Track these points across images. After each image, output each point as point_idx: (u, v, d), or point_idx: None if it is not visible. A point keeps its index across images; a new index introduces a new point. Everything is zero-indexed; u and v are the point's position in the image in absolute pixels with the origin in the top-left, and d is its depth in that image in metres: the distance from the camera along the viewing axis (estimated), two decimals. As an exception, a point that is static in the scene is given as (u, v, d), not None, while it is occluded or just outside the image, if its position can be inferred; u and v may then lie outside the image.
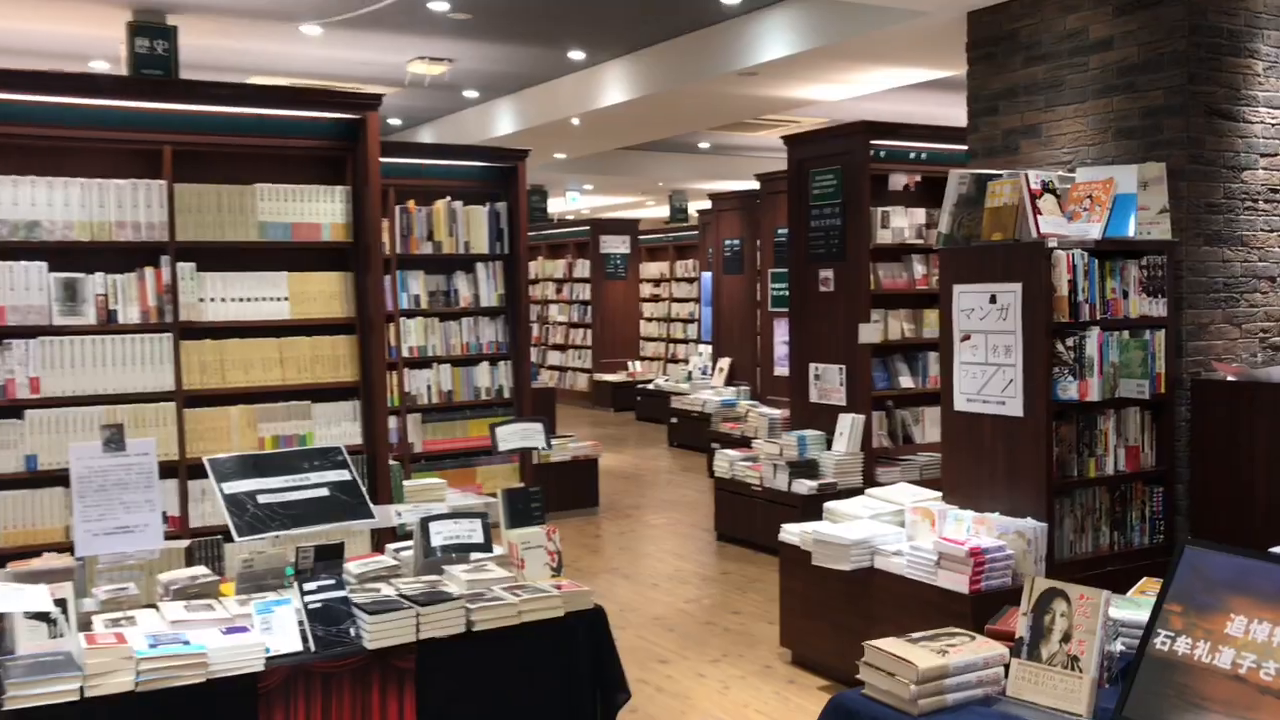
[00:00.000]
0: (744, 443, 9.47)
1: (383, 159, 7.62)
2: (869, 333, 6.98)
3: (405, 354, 7.73)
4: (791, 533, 4.85)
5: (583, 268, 16.97)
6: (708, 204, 13.43)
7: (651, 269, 19.65)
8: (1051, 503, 4.18)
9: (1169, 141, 4.48)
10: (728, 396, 11.61)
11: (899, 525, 4.78)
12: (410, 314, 7.79)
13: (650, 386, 14.66)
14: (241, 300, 5.46)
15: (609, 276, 16.60)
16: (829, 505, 5.03)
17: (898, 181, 7.20)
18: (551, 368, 17.95)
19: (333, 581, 3.52)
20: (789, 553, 4.86)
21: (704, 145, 14.59)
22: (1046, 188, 4.18)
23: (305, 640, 3.29)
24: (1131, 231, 4.31)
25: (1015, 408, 4.21)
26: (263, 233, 5.44)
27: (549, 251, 18.35)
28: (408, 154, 7.70)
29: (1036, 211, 4.14)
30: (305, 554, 3.69)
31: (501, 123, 11.30)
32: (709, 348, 13.99)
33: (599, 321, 16.55)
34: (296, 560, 3.67)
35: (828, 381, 7.25)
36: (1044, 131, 5.00)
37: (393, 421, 7.61)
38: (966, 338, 4.41)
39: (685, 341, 18.43)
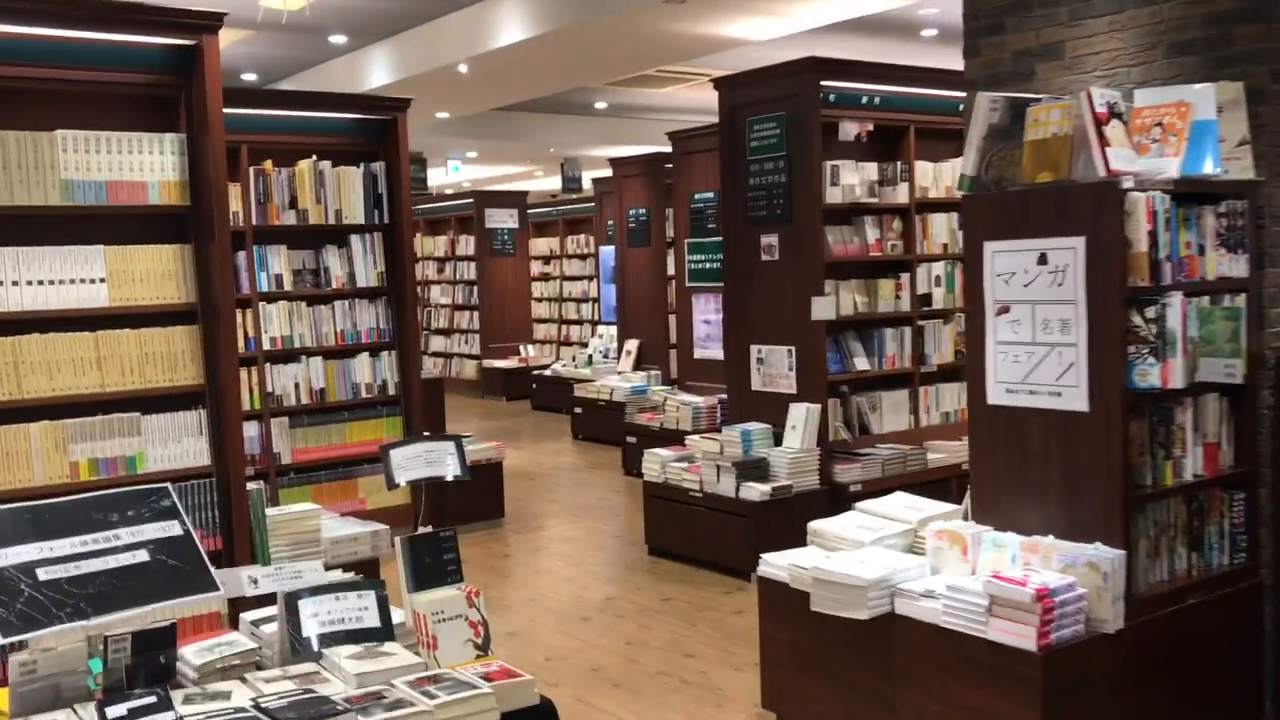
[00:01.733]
0: (666, 437, 8.46)
1: (233, 110, 6.32)
2: (823, 307, 6.03)
3: (267, 346, 6.49)
4: (776, 566, 3.84)
5: (466, 245, 15.72)
6: (606, 172, 12.36)
7: (541, 245, 18.48)
8: (1129, 522, 3.25)
9: (1244, 56, 3.58)
10: (638, 383, 10.59)
11: (909, 551, 3.82)
12: (271, 297, 6.54)
13: (547, 373, 13.55)
14: (41, 284, 4.20)
15: (495, 254, 15.38)
16: (815, 526, 4.04)
17: (849, 131, 6.25)
18: (436, 354, 16.66)
19: (153, 700, 2.38)
20: (772, 591, 3.85)
21: (601, 105, 13.47)
22: (1113, 111, 3.24)
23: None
24: (1212, 168, 3.40)
25: (1076, 399, 3.28)
26: (67, 194, 4.20)
27: (428, 228, 17.01)
28: (262, 103, 6.44)
29: (1104, 142, 3.18)
30: (118, 648, 2.56)
31: (375, 73, 9.97)
32: (611, 329, 12.94)
33: (486, 303, 15.34)
34: (105, 656, 2.53)
35: (774, 366, 6.27)
36: (1067, 51, 4.08)
37: (253, 428, 6.36)
38: (1004, 310, 3.45)
39: (580, 323, 17.33)
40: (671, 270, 10.73)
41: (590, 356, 13.15)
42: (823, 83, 6.03)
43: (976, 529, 3.56)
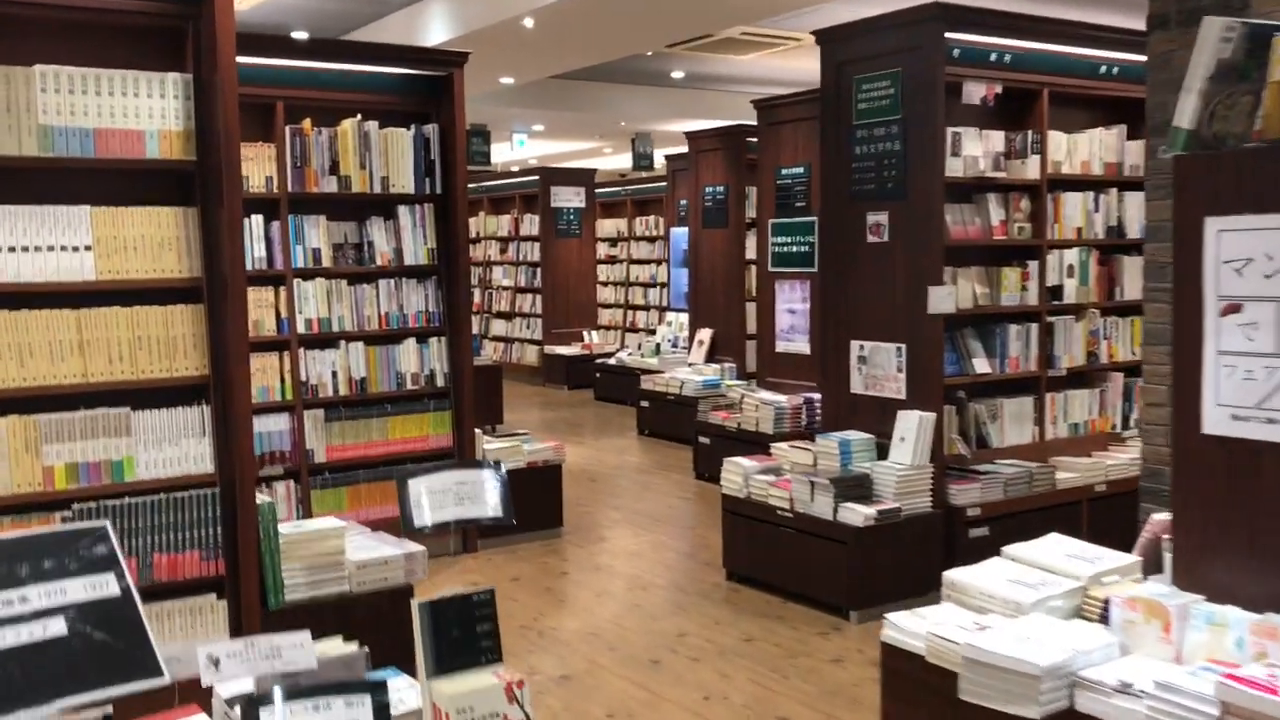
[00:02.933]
0: (743, 440, 7.65)
1: (267, 60, 5.64)
2: (942, 299, 5.16)
3: (301, 329, 5.80)
4: (907, 632, 3.02)
5: (531, 224, 15.00)
6: (680, 149, 11.54)
7: (608, 226, 17.71)
8: None
9: None
10: (710, 376, 9.78)
11: (1076, 616, 2.97)
12: (308, 274, 5.84)
13: (612, 362, 12.78)
14: (13, 250, 3.53)
15: (560, 234, 14.63)
16: (954, 578, 3.21)
17: (974, 92, 5.36)
18: (496, 339, 15.99)
19: None
20: (900, 662, 3.03)
21: (677, 75, 12.58)
22: None
23: None
24: None
25: (1343, 434, 2.40)
26: (46, 143, 3.52)
27: (492, 206, 16.32)
28: (300, 54, 5.71)
29: (1403, 80, 2.30)
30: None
31: (434, 28, 9.22)
32: (681, 316, 12.13)
33: (549, 286, 14.60)
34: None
35: (879, 366, 5.42)
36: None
37: (283, 421, 5.67)
38: (1233, 309, 2.60)
39: (647, 309, 16.54)
40: (751, 254, 9.90)
41: (658, 345, 12.36)
42: (948, 35, 5.15)
43: (1181, 598, 2.71)
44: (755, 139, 8.83)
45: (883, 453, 5.34)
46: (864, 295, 5.52)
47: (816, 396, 7.53)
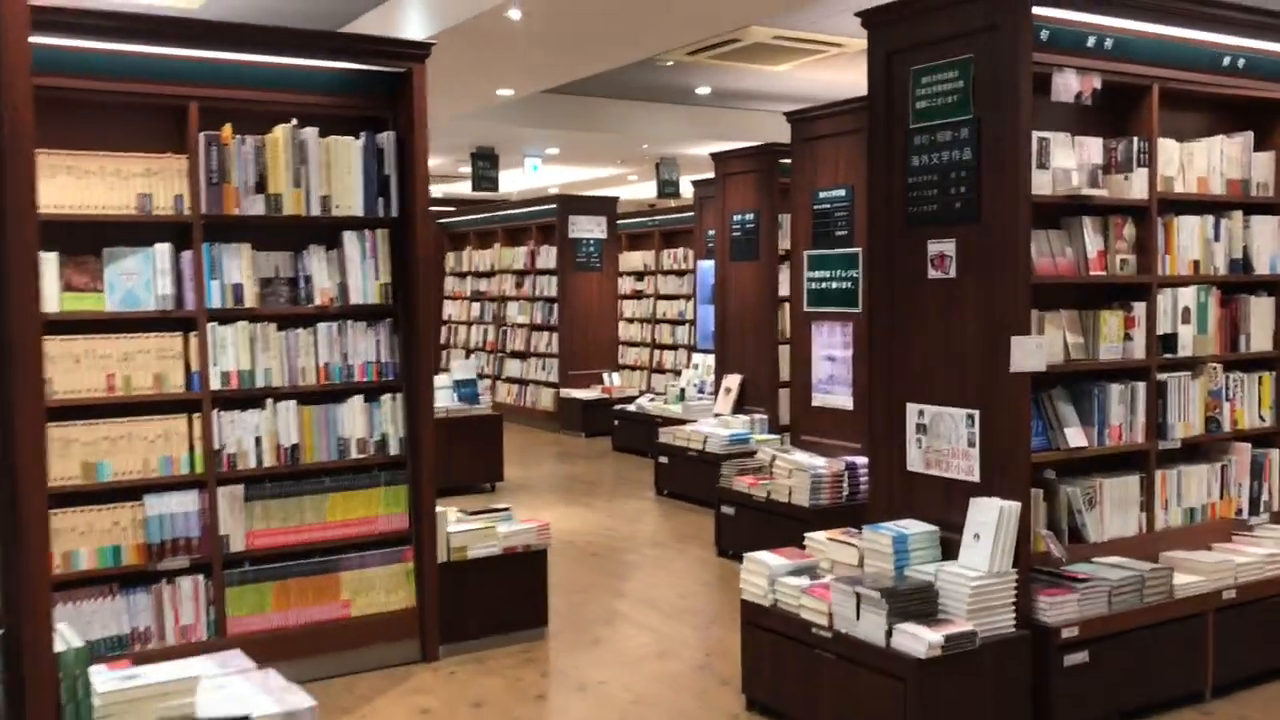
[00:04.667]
0: (774, 513, 6.46)
1: (175, 51, 4.56)
2: (1028, 353, 3.98)
3: (216, 384, 4.69)
4: None
5: (548, 256, 13.92)
6: (709, 174, 10.43)
7: (634, 259, 16.61)
8: None
9: None
10: (738, 430, 8.59)
11: None
12: (226, 316, 4.75)
13: (631, 408, 11.62)
14: None
15: (579, 267, 13.52)
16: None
17: (1068, 86, 4.19)
18: (510, 380, 14.90)
19: None
20: None
21: (703, 91, 11.42)
22: None
23: None
24: None
25: None
26: None
27: (507, 237, 15.28)
28: (219, 42, 4.63)
29: None
30: None
31: (409, 25, 8.11)
32: (709, 358, 10.96)
33: (567, 323, 13.49)
34: None
35: (944, 437, 4.23)
36: None
37: (190, 500, 4.55)
38: None
39: (675, 348, 15.39)
40: (785, 290, 8.73)
41: (682, 391, 11.18)
42: (1036, 11, 3.99)
43: None
44: (790, 159, 7.69)
45: (949, 550, 4.13)
46: (924, 346, 4.33)
47: (861, 461, 6.34)
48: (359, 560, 4.92)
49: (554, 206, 13.63)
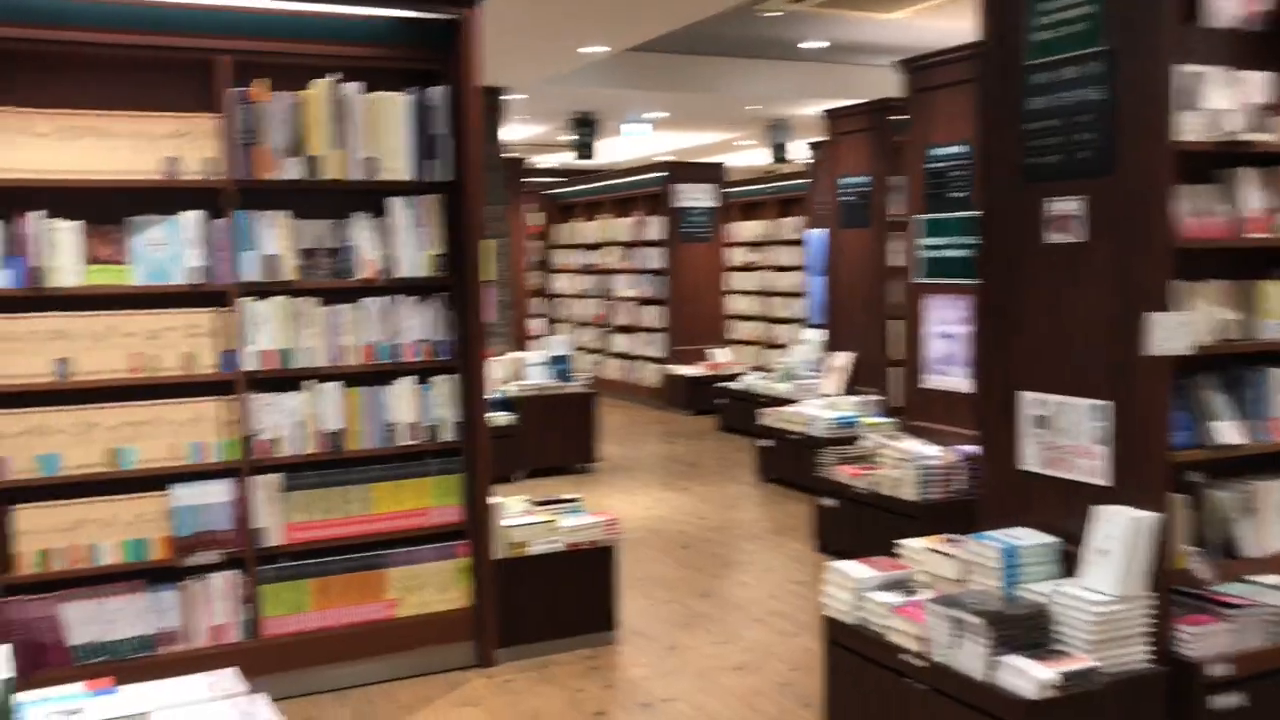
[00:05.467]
0: (878, 507, 5.86)
1: (201, 0, 4.21)
2: (1170, 331, 3.31)
3: (251, 365, 4.33)
4: None
5: (655, 227, 13.41)
6: (824, 137, 9.77)
7: (746, 230, 15.99)
8: None
9: None
10: (846, 412, 7.97)
11: None
12: (262, 291, 4.39)
13: (737, 386, 11.06)
14: None
15: (686, 238, 12.98)
16: None
17: (1225, 8, 3.46)
18: (617, 355, 14.47)
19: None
20: None
21: (811, 44, 10.61)
22: None
23: None
24: None
25: None
26: None
27: (615, 208, 14.82)
28: (248, -9, 4.23)
29: None
30: None
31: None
32: (818, 333, 10.32)
33: (674, 297, 12.97)
34: None
35: (1066, 432, 3.59)
36: None
37: (222, 490, 4.21)
38: None
39: (789, 322, 14.74)
40: (900, 260, 8.06)
41: (790, 370, 10.56)
42: (1184, -89, 3.30)
43: None
44: (904, 116, 7.00)
45: (1069, 564, 3.51)
46: (1042, 323, 3.68)
47: (978, 451, 5.68)
48: (408, 556, 4.53)
49: (660, 175, 13.12)
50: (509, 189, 12.39)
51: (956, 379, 6.23)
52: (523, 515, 4.86)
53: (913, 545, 3.90)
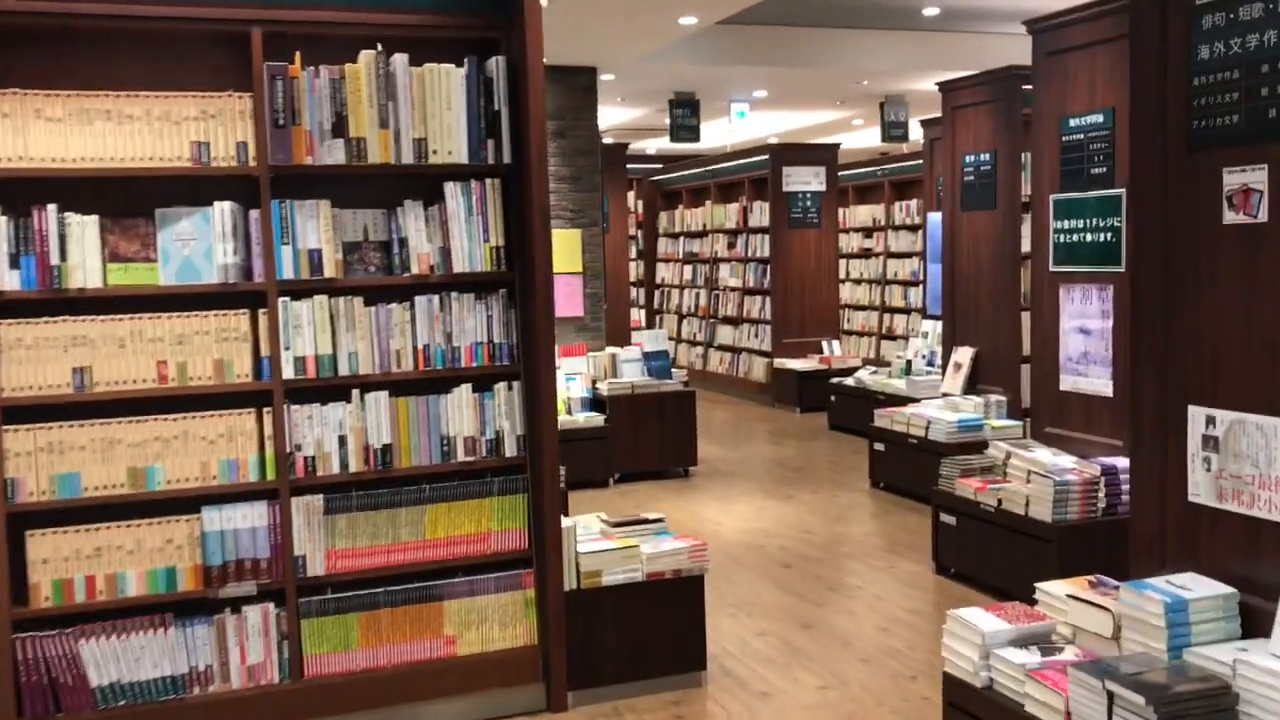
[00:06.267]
0: (1007, 526, 5.20)
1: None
2: (1392, 336, 2.60)
3: (290, 373, 3.90)
4: None
5: (761, 213, 12.78)
6: (938, 112, 9.04)
7: (861, 214, 15.24)
8: None
9: None
10: (969, 414, 7.26)
11: None
12: (301, 290, 3.95)
13: (850, 381, 10.38)
14: None
15: (795, 224, 12.31)
16: None
17: None
18: (722, 348, 13.89)
19: None
20: None
21: (930, 11, 9.84)
22: None
23: None
24: None
25: None
26: None
27: (719, 193, 14.22)
28: (280, -48, 3.79)
29: None
30: None
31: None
32: (937, 324, 9.59)
33: (781, 286, 12.32)
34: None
35: (1249, 458, 2.91)
36: None
37: (257, 513, 3.79)
38: None
39: (907, 311, 13.97)
40: (1029, 245, 7.32)
41: (908, 363, 9.85)
42: None
43: None
44: (1031, 86, 6.26)
45: (1254, 625, 2.83)
46: (1216, 323, 3.00)
47: (1123, 464, 4.99)
48: (467, 587, 4.05)
49: (766, 158, 12.47)
50: (609, 174, 11.92)
51: (1096, 381, 5.50)
52: (598, 539, 4.34)
53: (1053, 590, 3.25)
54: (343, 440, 3.95)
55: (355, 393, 3.96)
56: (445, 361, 4.06)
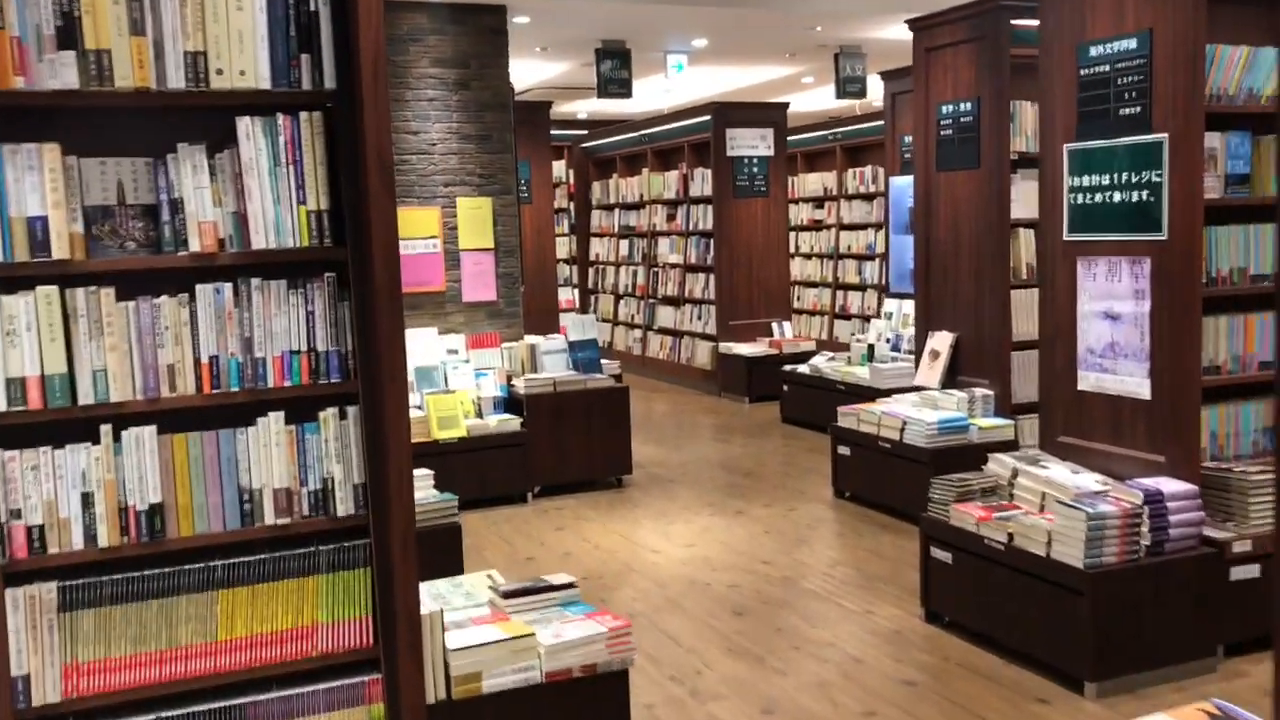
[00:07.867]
0: (1020, 569, 4.07)
1: None
2: None
3: (2, 402, 2.58)
4: None
5: (703, 181, 11.58)
6: (905, 63, 7.90)
7: (812, 182, 14.11)
8: None
9: None
10: (951, 413, 6.14)
11: None
12: (13, 279, 2.64)
13: (804, 369, 9.24)
14: None
15: (741, 193, 11.13)
16: None
17: None
18: (663, 331, 12.70)
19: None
20: None
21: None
22: None
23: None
24: None
25: None
26: None
27: (656, 160, 13.00)
28: None
29: None
30: None
31: None
32: (903, 303, 8.48)
33: (725, 262, 11.14)
34: None
35: None
36: None
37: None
38: None
39: (863, 288, 12.88)
40: (1022, 210, 6.24)
41: (870, 348, 8.73)
42: None
43: None
44: (1022, 21, 5.12)
45: None
46: None
47: (1168, 488, 3.88)
48: (284, 706, 2.82)
49: (708, 119, 11.27)
50: (530, 138, 10.65)
51: (1128, 380, 4.38)
52: (479, 624, 3.13)
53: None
54: (87, 500, 2.68)
55: (106, 429, 2.69)
56: (243, 380, 2.80)
